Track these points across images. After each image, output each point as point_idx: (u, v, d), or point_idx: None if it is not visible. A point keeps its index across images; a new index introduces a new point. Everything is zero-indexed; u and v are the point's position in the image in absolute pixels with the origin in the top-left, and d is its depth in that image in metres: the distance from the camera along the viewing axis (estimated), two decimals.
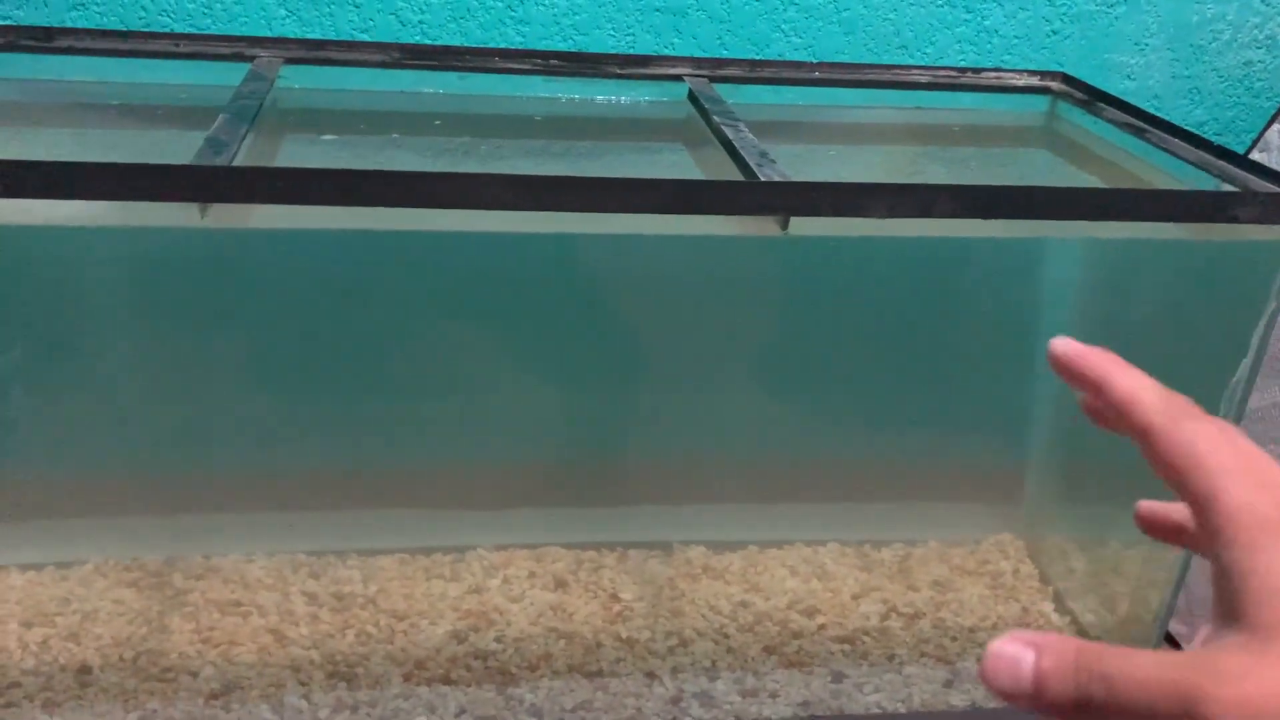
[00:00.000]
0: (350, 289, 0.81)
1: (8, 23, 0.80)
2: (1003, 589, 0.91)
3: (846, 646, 0.83)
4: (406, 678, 0.77)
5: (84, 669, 0.75)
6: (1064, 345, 0.31)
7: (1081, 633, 0.87)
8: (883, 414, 0.93)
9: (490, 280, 0.82)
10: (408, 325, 0.84)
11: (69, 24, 0.81)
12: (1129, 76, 0.97)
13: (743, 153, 0.67)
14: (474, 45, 0.87)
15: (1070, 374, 0.31)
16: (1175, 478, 0.27)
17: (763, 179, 0.62)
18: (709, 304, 0.86)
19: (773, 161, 0.65)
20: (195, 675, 0.75)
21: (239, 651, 0.78)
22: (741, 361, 0.89)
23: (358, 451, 0.88)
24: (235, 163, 0.58)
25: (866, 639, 0.84)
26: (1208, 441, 0.27)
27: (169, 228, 0.56)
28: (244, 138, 0.61)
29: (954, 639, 0.85)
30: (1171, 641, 0.90)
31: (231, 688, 0.75)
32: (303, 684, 0.75)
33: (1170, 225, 0.66)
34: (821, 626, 0.85)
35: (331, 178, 0.55)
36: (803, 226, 0.60)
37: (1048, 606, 0.89)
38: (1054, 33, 0.94)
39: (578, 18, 0.89)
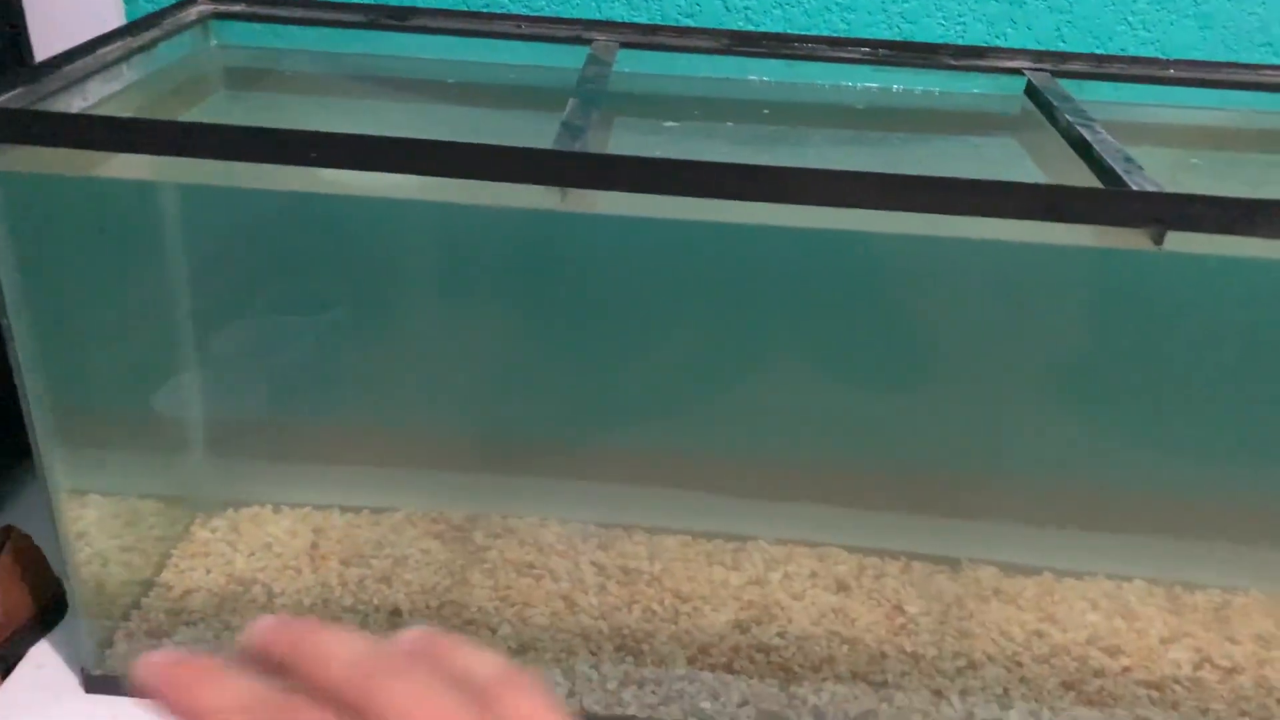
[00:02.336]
0: (679, 278, 0.82)
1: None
2: None
3: (1154, 693, 0.77)
4: (690, 660, 0.78)
5: (395, 611, 0.80)
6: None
7: None
8: (1209, 443, 0.85)
9: (816, 279, 0.81)
10: (728, 316, 0.84)
11: (421, 4, 0.85)
12: None
13: (1105, 156, 0.62)
14: (799, 32, 0.86)
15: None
16: None
17: (1134, 187, 0.58)
18: (1034, 314, 0.81)
19: (1140, 168, 0.61)
20: (494, 631, 0.79)
21: (533, 613, 0.81)
22: (1059, 376, 0.84)
23: (652, 432, 0.89)
24: (589, 148, 0.59)
25: (1177, 688, 0.78)
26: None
27: (526, 209, 0.58)
28: (595, 122, 0.63)
29: None
30: None
31: (527, 648, 0.78)
32: (593, 653, 0.78)
33: None
34: (1126, 668, 0.79)
35: (695, 170, 0.55)
36: (1180, 243, 0.55)
37: None
38: None
39: (905, 5, 0.86)
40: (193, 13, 0.80)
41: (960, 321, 0.83)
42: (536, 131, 0.61)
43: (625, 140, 0.69)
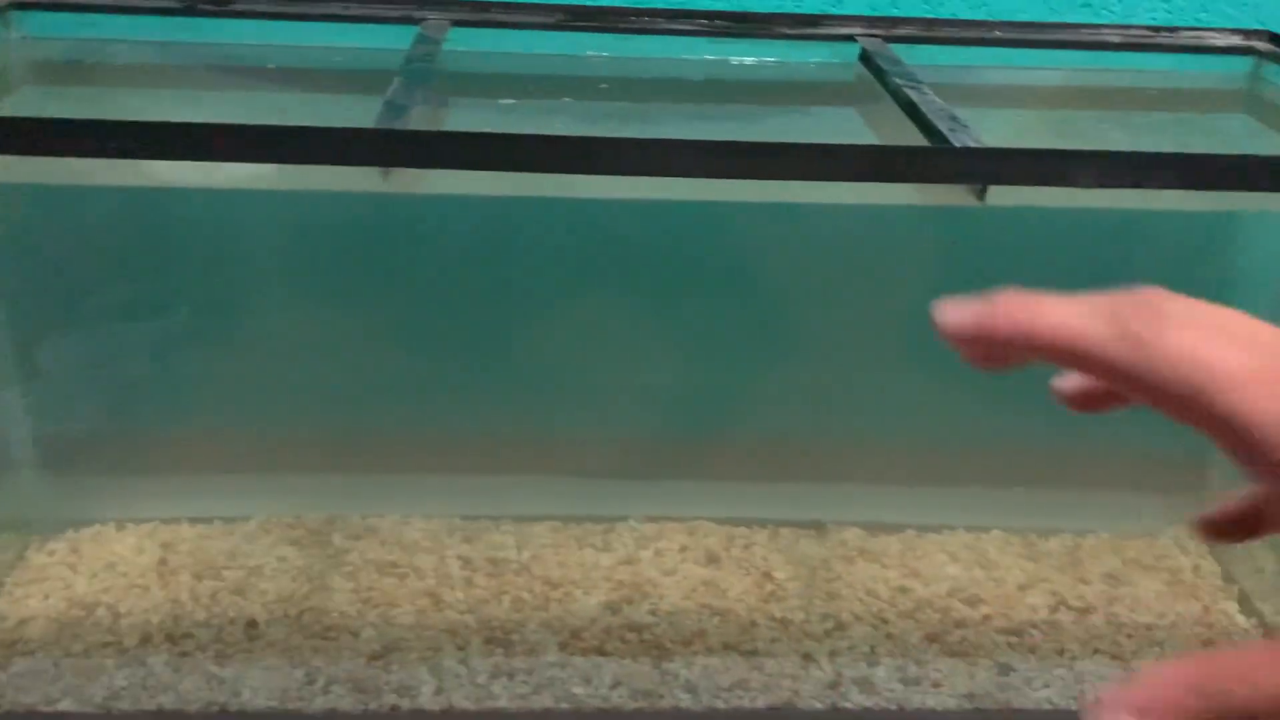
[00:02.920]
0: (515, 255, 0.80)
1: None
2: (1182, 585, 0.85)
3: (1013, 638, 0.79)
4: (562, 646, 0.77)
5: (251, 623, 0.77)
6: (956, 310, 0.25)
7: (1270, 636, 0.81)
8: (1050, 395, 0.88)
9: (656, 249, 0.80)
10: (570, 293, 0.83)
11: None
12: None
13: (930, 117, 0.63)
14: (635, 4, 0.85)
15: (979, 342, 0.25)
16: (1179, 408, 0.22)
17: (956, 144, 0.59)
18: (878, 276, 0.82)
19: (965, 127, 0.62)
20: (356, 635, 0.76)
21: (397, 613, 0.78)
22: (908, 338, 0.86)
23: (511, 418, 0.88)
24: (413, 127, 0.57)
25: (1034, 632, 0.80)
26: (1205, 347, 0.22)
27: (346, 192, 0.56)
28: (419, 101, 0.61)
29: (1129, 636, 0.80)
30: None
31: (391, 649, 0.75)
32: (460, 648, 0.76)
33: None
34: (986, 616, 0.81)
35: (517, 143, 0.54)
36: (1001, 197, 0.57)
37: (1231, 607, 0.84)
38: None
39: None
40: None
41: (806, 288, 0.83)
42: (363, 113, 0.58)
43: (458, 119, 0.67)
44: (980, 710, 0.74)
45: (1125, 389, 0.23)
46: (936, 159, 0.58)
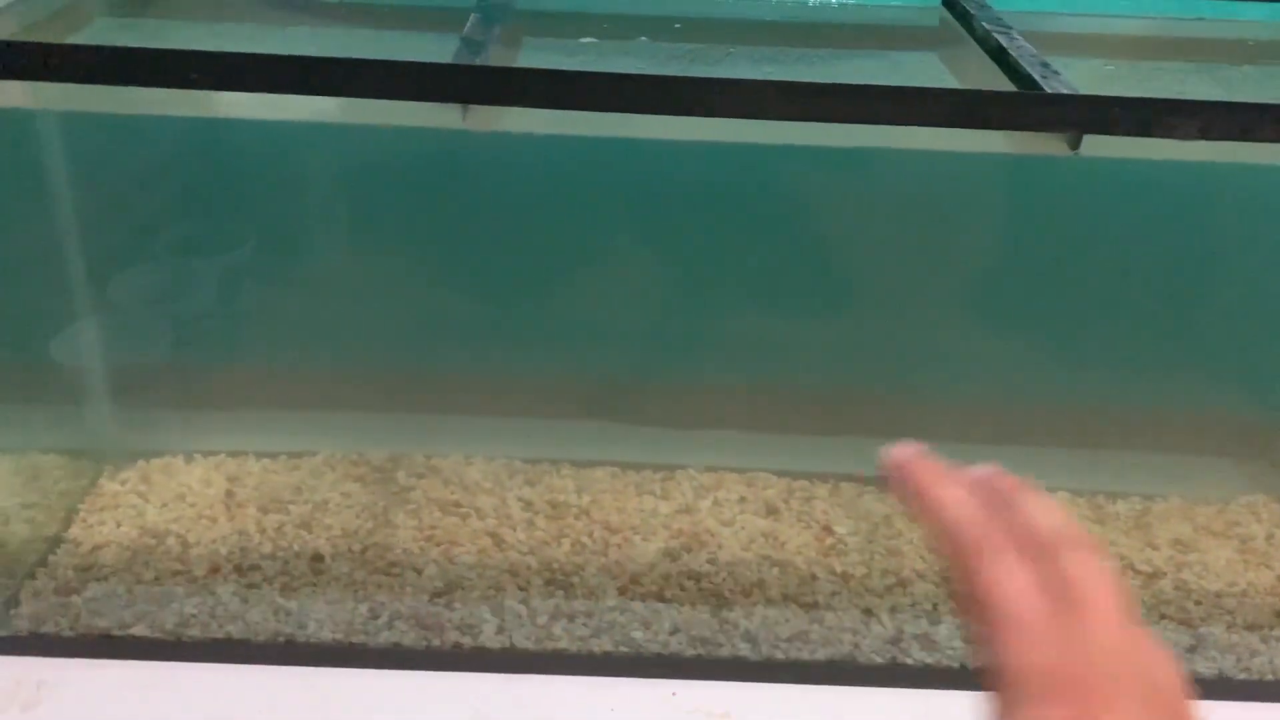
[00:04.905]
0: (587, 199, 0.79)
1: None
2: (1253, 554, 0.83)
3: None
4: (621, 591, 0.77)
5: (316, 557, 0.78)
6: (897, 454, 0.32)
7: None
8: (1129, 356, 0.86)
9: (732, 194, 0.79)
10: (641, 239, 0.82)
11: None
12: None
13: (1022, 63, 0.61)
14: None
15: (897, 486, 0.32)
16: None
17: (1049, 90, 0.57)
18: (961, 225, 0.80)
19: (1057, 74, 0.59)
20: (419, 572, 0.77)
21: (459, 552, 0.79)
22: (986, 294, 0.84)
23: (575, 363, 0.88)
24: (491, 64, 0.56)
25: None
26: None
27: (418, 128, 0.55)
28: (496, 39, 0.60)
29: (1198, 603, 0.79)
30: None
31: (453, 587, 0.76)
32: (521, 589, 0.76)
33: None
34: None
35: (594, 81, 0.53)
36: (1098, 147, 0.55)
37: None
38: None
39: None
40: None
41: (883, 237, 0.82)
42: (441, 50, 0.57)
43: (533, 57, 0.66)
44: None
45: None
46: (1030, 105, 0.56)
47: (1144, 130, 0.54)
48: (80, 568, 0.76)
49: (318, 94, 0.54)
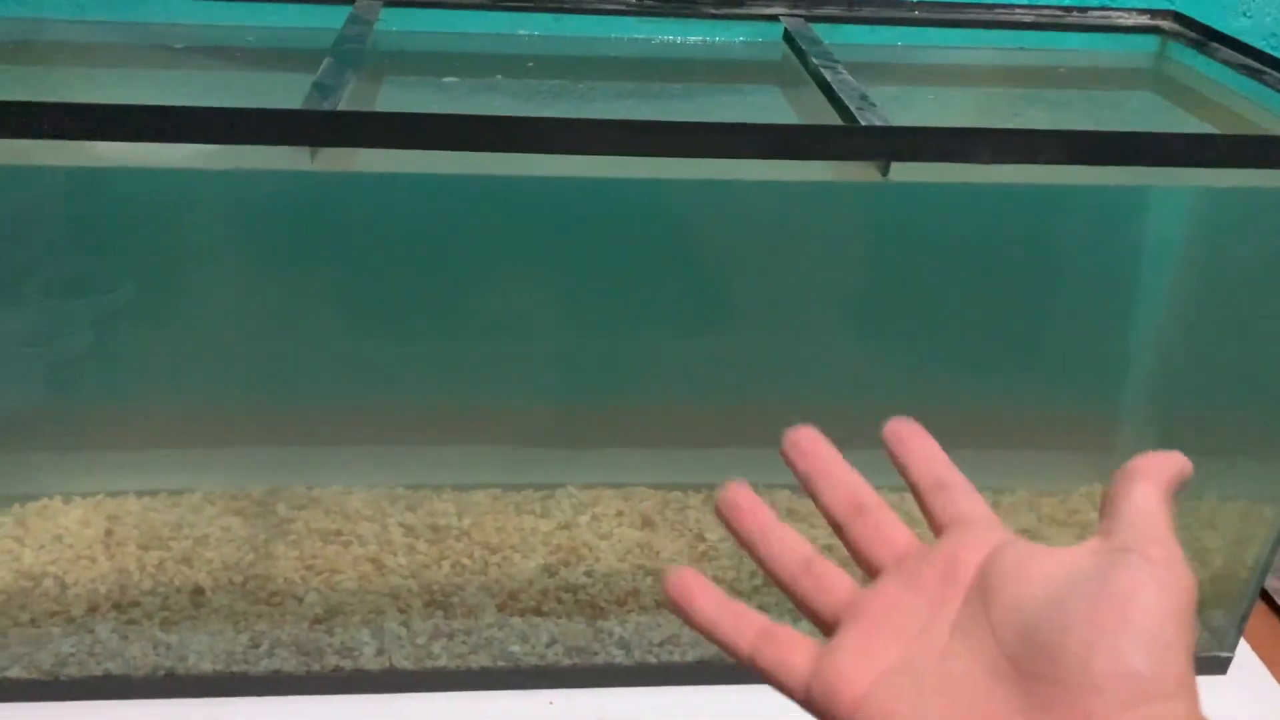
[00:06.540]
0: (445, 230, 0.82)
1: None
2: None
3: None
4: (500, 608, 0.80)
5: (197, 590, 0.79)
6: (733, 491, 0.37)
7: None
8: (972, 360, 0.92)
9: (582, 225, 0.83)
10: (502, 268, 0.85)
11: None
12: (1245, 14, 0.93)
13: (842, 96, 0.66)
14: None
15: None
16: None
17: (863, 123, 0.62)
18: (795, 249, 0.85)
19: (873, 105, 0.65)
20: (300, 600, 0.79)
21: (340, 579, 0.81)
22: (828, 307, 0.89)
23: (452, 390, 0.90)
24: (341, 107, 0.59)
25: None
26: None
27: (277, 171, 0.58)
28: (349, 82, 0.63)
29: None
30: (1267, 598, 0.89)
31: (334, 613, 0.78)
32: (401, 611, 0.79)
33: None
34: None
35: (438, 123, 0.56)
36: (904, 173, 0.60)
37: None
38: None
39: None
40: None
41: (729, 260, 0.86)
42: (295, 92, 0.60)
43: (386, 98, 0.69)
44: None
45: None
46: (842, 137, 0.61)
47: (943, 157, 0.59)
48: None
49: (173, 141, 0.56)
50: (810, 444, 0.37)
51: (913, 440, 0.37)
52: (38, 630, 0.75)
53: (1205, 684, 0.27)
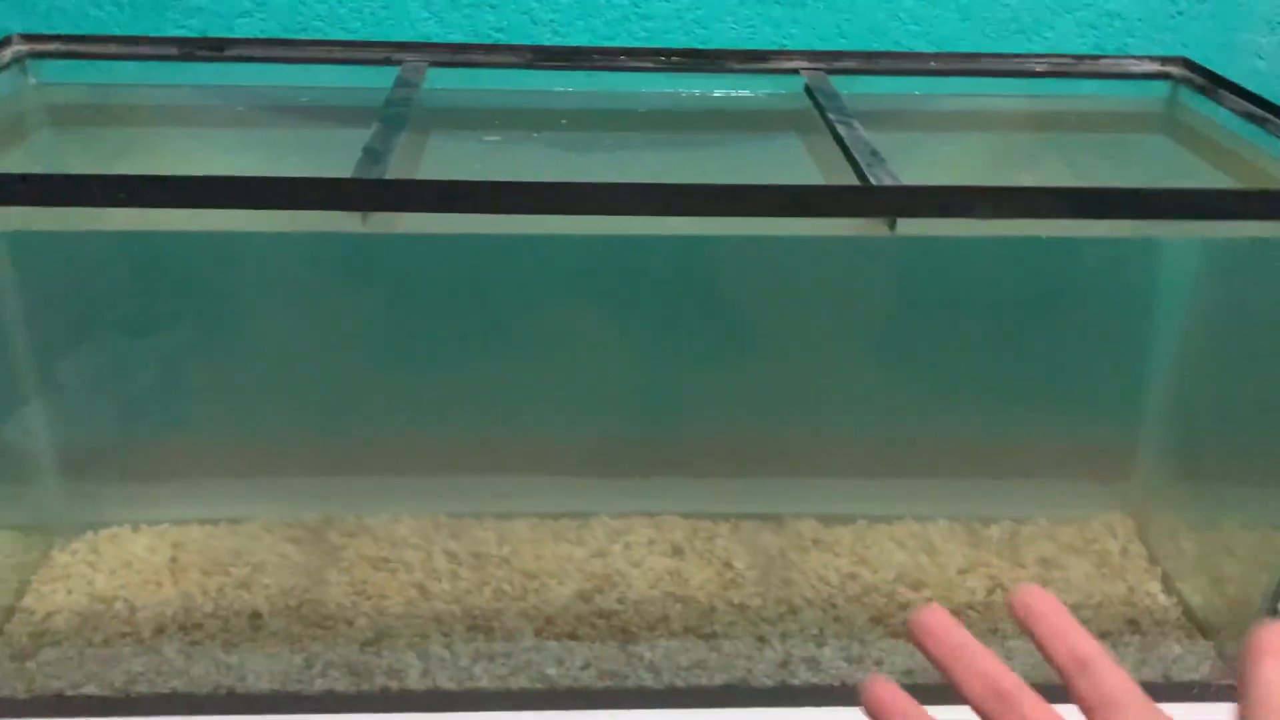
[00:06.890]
0: (489, 278, 0.88)
1: (182, 32, 0.89)
2: (1110, 568, 0.92)
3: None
4: (538, 632, 0.84)
5: (255, 614, 0.85)
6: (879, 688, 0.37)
7: (1188, 614, 0.89)
8: (995, 394, 0.95)
9: (613, 273, 0.88)
10: (542, 314, 0.91)
11: (237, 30, 0.89)
12: (1259, 55, 0.96)
13: (854, 152, 0.70)
14: (600, 44, 0.92)
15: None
16: None
17: (873, 181, 0.66)
18: (824, 294, 0.90)
19: (882, 161, 0.69)
20: (351, 624, 0.84)
21: (388, 604, 0.86)
22: (855, 345, 0.93)
23: (493, 424, 0.96)
24: (391, 170, 0.65)
25: (971, 613, 0.87)
26: None
27: (331, 232, 0.63)
28: (397, 146, 0.68)
29: None
30: None
31: (383, 636, 0.83)
32: (445, 635, 0.83)
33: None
34: (927, 600, 0.88)
35: (479, 190, 0.61)
36: (910, 227, 0.64)
37: (1155, 586, 0.91)
38: (1179, 13, 0.93)
39: (698, 12, 0.93)
40: (7, 54, 0.83)
41: (756, 305, 0.91)
42: (347, 150, 0.66)
43: (431, 157, 0.74)
44: (917, 685, 0.81)
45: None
46: (850, 197, 0.65)
47: (945, 214, 0.63)
48: (34, 634, 0.82)
49: (233, 208, 0.61)
50: (940, 627, 0.37)
51: (1046, 617, 0.37)
52: (110, 650, 0.81)
53: (1221, 712, 0.31)
